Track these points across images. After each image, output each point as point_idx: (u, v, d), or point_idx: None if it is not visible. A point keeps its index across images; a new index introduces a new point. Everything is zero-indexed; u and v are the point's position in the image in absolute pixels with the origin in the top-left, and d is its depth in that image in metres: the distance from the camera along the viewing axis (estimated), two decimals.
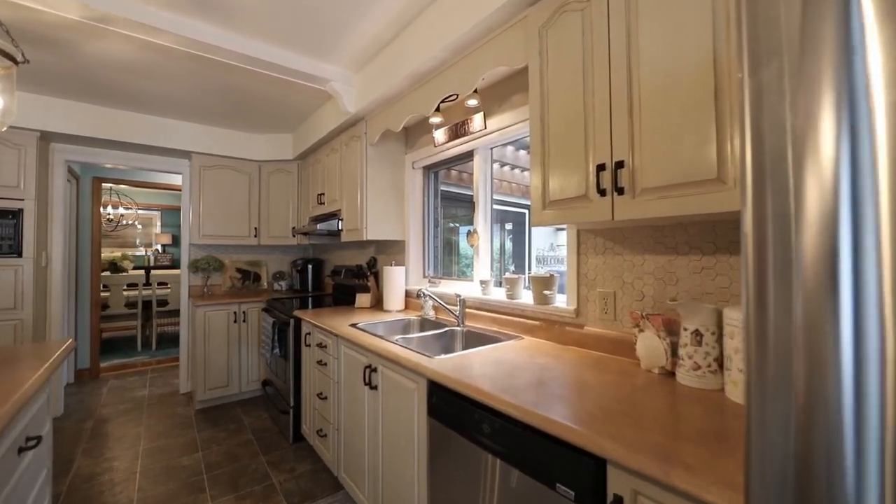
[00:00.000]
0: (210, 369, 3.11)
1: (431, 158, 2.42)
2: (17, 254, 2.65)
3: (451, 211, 2.68)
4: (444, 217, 2.64)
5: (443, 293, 2.22)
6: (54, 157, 3.00)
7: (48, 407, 1.37)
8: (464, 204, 2.83)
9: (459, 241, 4.83)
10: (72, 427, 2.80)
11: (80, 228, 3.86)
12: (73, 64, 2.23)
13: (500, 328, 1.85)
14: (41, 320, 2.88)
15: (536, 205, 1.31)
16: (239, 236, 3.51)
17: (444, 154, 2.30)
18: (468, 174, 4.49)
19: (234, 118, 3.13)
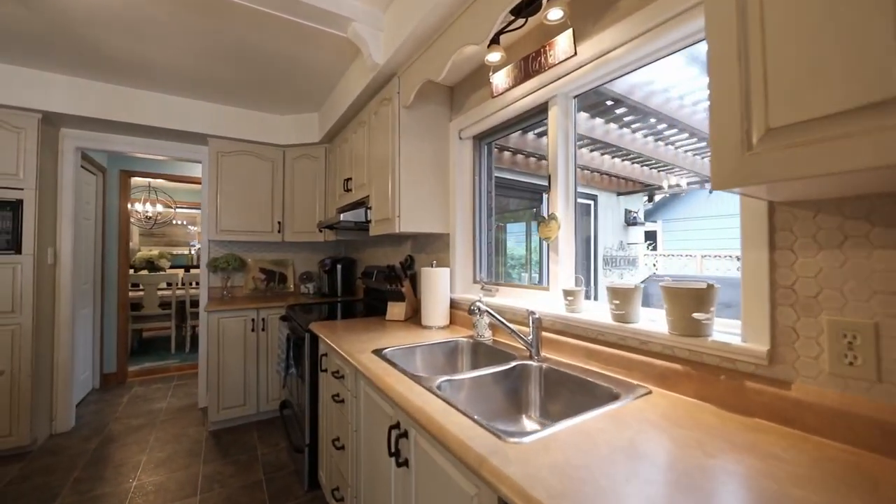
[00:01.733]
0: (225, 385, 2.68)
1: (486, 121, 1.78)
2: (14, 250, 2.35)
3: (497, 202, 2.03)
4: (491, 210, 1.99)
5: (502, 306, 1.58)
6: (64, 144, 2.72)
7: None
8: (513, 193, 2.19)
9: (506, 238, 4.13)
10: (75, 447, 2.47)
11: (106, 225, 3.64)
12: (48, 18, 1.84)
13: (601, 366, 1.18)
14: (47, 324, 2.59)
15: (726, 147, 0.63)
16: (260, 231, 3.08)
17: (505, 113, 1.66)
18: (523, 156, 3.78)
19: (251, 92, 2.68)
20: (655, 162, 3.32)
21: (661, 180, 3.91)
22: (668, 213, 6.04)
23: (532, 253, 4.17)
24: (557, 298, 1.43)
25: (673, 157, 3.02)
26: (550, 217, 1.45)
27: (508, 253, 4.81)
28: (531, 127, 1.88)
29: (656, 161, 3.21)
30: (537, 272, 4.05)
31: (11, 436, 2.34)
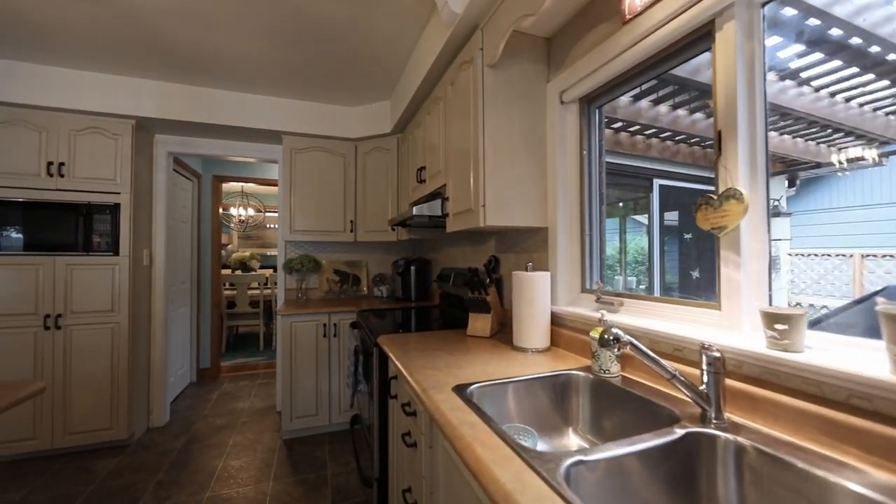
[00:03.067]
0: (298, 392, 2.55)
1: (603, 71, 1.29)
2: (112, 252, 2.45)
3: None
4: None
5: (645, 331, 1.09)
6: (158, 149, 2.83)
7: None
8: (608, 180, 1.66)
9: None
10: (164, 444, 2.52)
11: (201, 227, 3.84)
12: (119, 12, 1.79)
13: (861, 455, 0.64)
14: (143, 323, 2.69)
15: None
16: (333, 231, 2.93)
17: (632, 54, 1.16)
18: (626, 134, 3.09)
19: (320, 83, 2.51)
20: (820, 129, 2.45)
21: (818, 155, 2.96)
22: (810, 201, 4.78)
23: (624, 254, 3.47)
24: (738, 322, 0.91)
25: (857, 118, 2.16)
26: (726, 195, 0.92)
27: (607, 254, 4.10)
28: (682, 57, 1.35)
29: (823, 126, 2.36)
30: (632, 276, 3.34)
31: (111, 429, 2.44)
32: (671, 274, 3.53)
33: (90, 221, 2.39)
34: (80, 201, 2.38)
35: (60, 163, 2.34)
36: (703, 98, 2.22)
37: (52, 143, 2.34)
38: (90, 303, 2.40)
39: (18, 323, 2.26)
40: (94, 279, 2.41)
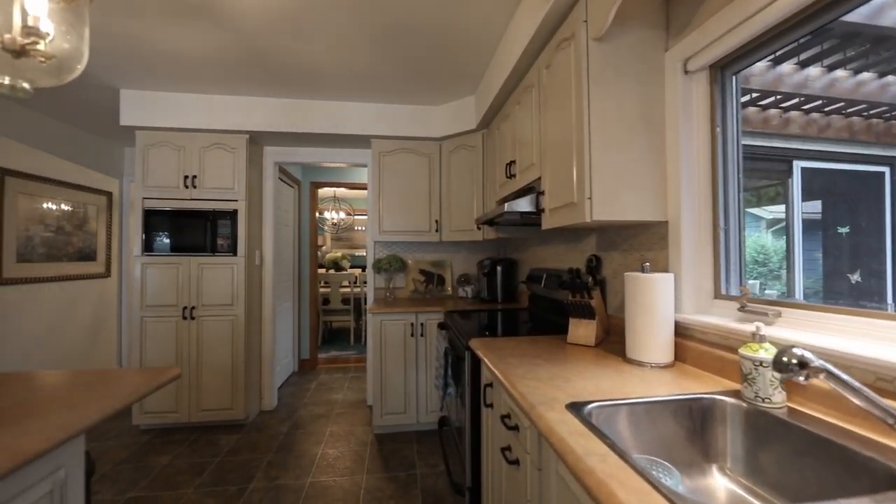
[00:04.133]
0: (388, 389, 2.61)
1: (744, 28, 1.05)
2: (233, 253, 2.77)
3: None
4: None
5: (809, 348, 0.84)
6: (266, 160, 3.13)
7: None
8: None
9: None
10: (273, 427, 2.77)
11: (301, 230, 4.19)
12: (236, 35, 1.99)
13: None
14: (255, 317, 3.00)
15: None
16: (419, 231, 2.95)
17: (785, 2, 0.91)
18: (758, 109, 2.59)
19: (406, 84, 2.54)
20: None
21: None
22: None
23: (742, 254, 2.88)
24: None
25: None
26: None
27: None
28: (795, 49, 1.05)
29: None
30: (753, 279, 2.78)
31: (232, 409, 2.75)
32: (810, 277, 2.89)
33: (215, 226, 2.73)
34: (208, 209, 2.73)
35: (194, 176, 2.71)
36: (880, 50, 1.73)
37: (187, 160, 2.72)
38: (215, 297, 2.74)
39: (165, 313, 2.67)
40: (218, 277, 2.74)
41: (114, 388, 0.97)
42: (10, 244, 2.65)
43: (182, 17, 1.82)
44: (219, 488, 2.04)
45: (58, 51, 0.97)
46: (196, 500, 1.95)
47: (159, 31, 1.93)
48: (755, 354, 0.88)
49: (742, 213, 1.25)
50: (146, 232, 2.68)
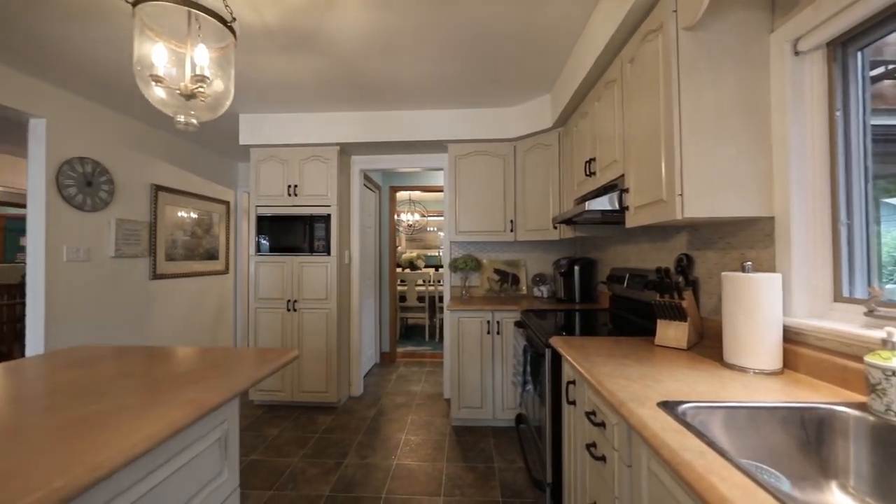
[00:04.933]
0: (465, 384, 2.72)
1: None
2: (327, 253, 3.09)
3: None
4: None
5: None
6: (353, 168, 3.44)
7: (226, 460, 1.05)
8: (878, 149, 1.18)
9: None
10: (361, 412, 3.04)
11: (381, 232, 4.50)
12: (335, 60, 2.23)
13: None
14: (345, 311, 3.31)
15: None
16: (493, 231, 3.01)
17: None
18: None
19: (482, 89, 2.62)
20: None
21: None
22: None
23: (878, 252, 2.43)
24: None
25: None
26: None
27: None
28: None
29: None
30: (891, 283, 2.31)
31: (327, 392, 3.08)
32: None
33: (312, 229, 3.08)
34: (306, 213, 3.09)
35: (295, 185, 3.08)
36: None
37: (290, 171, 3.10)
38: (312, 292, 3.08)
39: (273, 305, 3.08)
40: (315, 274, 3.08)
41: (252, 363, 1.19)
42: (161, 246, 3.26)
43: (291, 50, 2.10)
44: (319, 460, 2.31)
45: (214, 91, 1.21)
46: (302, 467, 2.23)
47: (273, 63, 2.25)
48: (887, 363, 0.79)
49: (871, 205, 1.11)
50: (258, 235, 3.11)
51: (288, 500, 1.94)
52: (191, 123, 1.19)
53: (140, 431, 0.72)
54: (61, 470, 0.59)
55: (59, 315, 2.46)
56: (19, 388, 0.96)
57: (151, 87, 1.14)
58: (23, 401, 0.88)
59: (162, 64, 1.14)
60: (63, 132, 2.53)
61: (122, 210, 2.92)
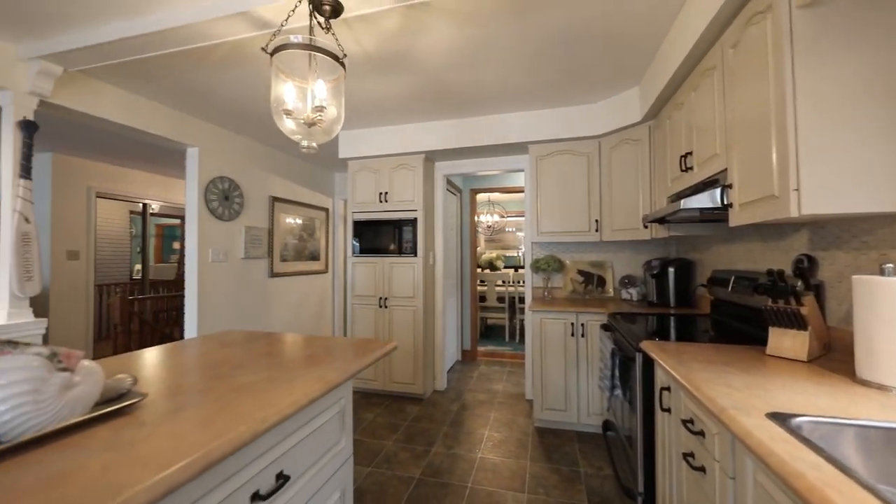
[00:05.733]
0: (547, 386, 2.71)
1: None
2: (414, 254, 3.32)
3: None
4: None
5: None
6: (436, 174, 3.62)
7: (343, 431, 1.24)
8: None
9: None
10: (445, 405, 3.20)
11: (462, 233, 4.66)
12: (422, 75, 2.40)
13: None
14: (430, 309, 3.51)
15: None
16: (578, 231, 2.95)
17: None
18: None
19: (563, 88, 2.59)
20: None
21: None
22: None
23: None
24: None
25: None
26: None
27: None
28: None
29: None
30: None
31: (414, 384, 3.30)
32: None
33: (401, 232, 3.33)
34: (395, 218, 3.35)
35: (385, 192, 3.37)
36: None
37: (381, 179, 3.39)
38: (401, 291, 3.33)
39: (367, 302, 3.40)
40: (403, 274, 3.33)
41: (359, 351, 1.37)
42: (276, 249, 3.81)
43: (384, 71, 2.32)
44: (409, 446, 2.51)
45: (329, 117, 1.43)
46: (395, 450, 2.45)
47: (369, 84, 2.50)
48: None
49: None
50: (354, 238, 3.46)
51: (384, 477, 2.15)
52: (311, 147, 1.43)
53: (286, 398, 0.91)
54: (239, 420, 0.78)
55: (206, 305, 3.03)
56: (194, 360, 1.26)
57: (283, 120, 1.39)
58: (201, 369, 1.15)
59: (291, 99, 1.38)
60: (209, 157, 3.11)
61: (249, 219, 3.49)
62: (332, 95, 1.44)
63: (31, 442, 0.68)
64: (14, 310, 2.01)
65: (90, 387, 0.79)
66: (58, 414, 0.72)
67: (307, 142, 1.41)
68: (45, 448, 0.68)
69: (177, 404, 0.86)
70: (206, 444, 0.68)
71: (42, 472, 0.60)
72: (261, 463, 0.87)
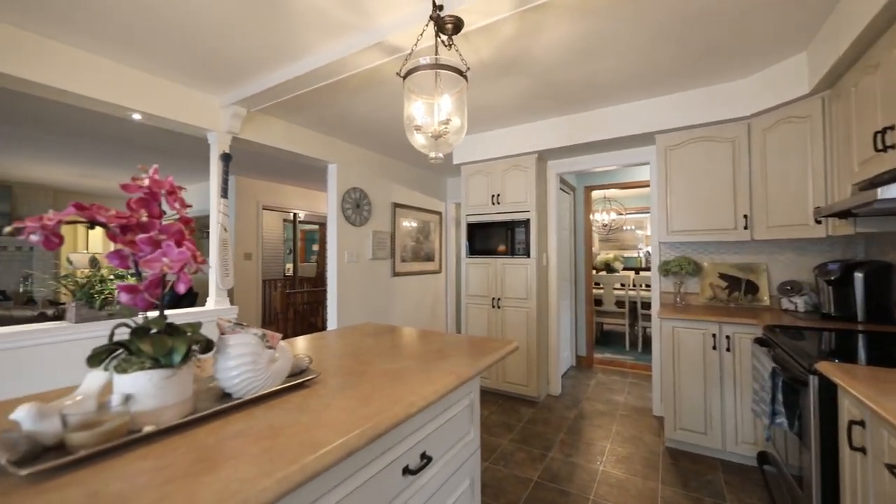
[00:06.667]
0: (681, 403, 2.42)
1: None
2: (527, 255, 3.30)
3: None
4: None
5: None
6: (549, 173, 3.54)
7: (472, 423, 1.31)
8: None
9: None
10: (560, 411, 3.10)
11: (576, 233, 4.44)
12: (534, 76, 2.38)
13: None
14: (543, 311, 3.44)
15: None
16: (719, 229, 2.56)
17: None
18: None
19: (699, 64, 2.27)
20: None
21: None
22: None
23: None
24: None
25: None
26: None
27: None
28: None
29: None
30: None
31: (527, 386, 3.27)
32: None
33: (513, 233, 3.34)
34: (507, 220, 3.38)
35: (497, 194, 3.42)
36: None
37: (493, 182, 3.45)
38: (513, 292, 3.34)
39: (480, 302, 3.51)
40: (515, 275, 3.33)
41: (483, 349, 1.43)
42: (397, 251, 4.18)
43: (498, 76, 2.37)
44: (525, 447, 2.50)
45: (453, 127, 1.53)
46: (510, 450, 2.47)
47: (481, 90, 2.58)
48: None
49: None
50: (468, 240, 3.60)
51: (501, 474, 2.20)
52: (438, 157, 1.55)
53: (427, 387, 1.01)
54: (392, 402, 0.90)
55: (344, 300, 3.50)
56: (345, 347, 1.47)
57: (414, 135, 1.53)
58: (351, 355, 1.34)
59: (420, 116, 1.52)
60: (345, 170, 3.58)
61: (375, 224, 3.91)
62: (455, 108, 1.54)
63: (250, 401, 0.90)
64: (218, 298, 2.62)
65: (285, 362, 1.00)
66: (266, 382, 0.94)
67: (434, 153, 1.53)
68: (258, 407, 0.88)
69: (341, 383, 1.03)
70: (371, 418, 0.81)
71: (257, 424, 0.79)
72: (409, 442, 0.98)
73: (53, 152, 4.11)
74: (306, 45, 2.02)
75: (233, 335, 0.91)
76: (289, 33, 1.92)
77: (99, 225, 0.75)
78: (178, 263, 0.76)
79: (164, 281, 0.79)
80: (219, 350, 0.90)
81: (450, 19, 1.64)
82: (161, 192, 0.83)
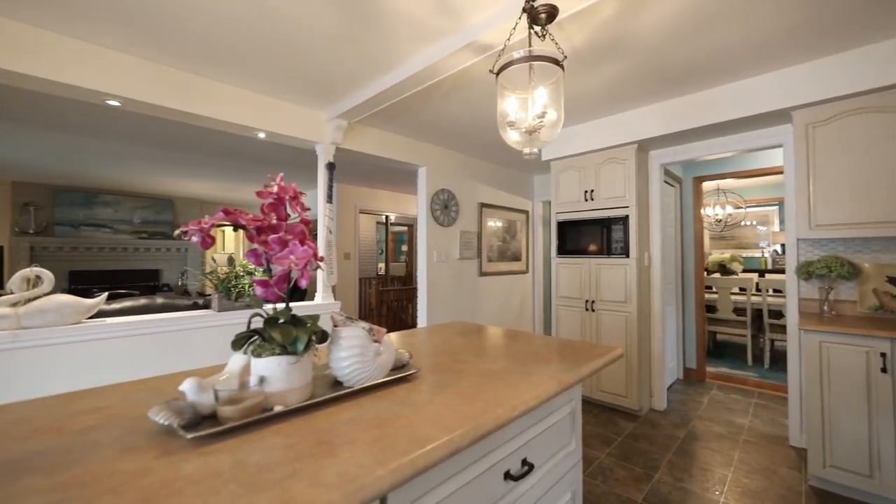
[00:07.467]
0: (834, 435, 1.98)
1: None
2: (625, 255, 3.03)
3: None
4: None
5: None
6: (651, 164, 3.20)
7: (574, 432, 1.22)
8: None
9: None
10: (667, 428, 2.78)
11: (683, 230, 3.95)
12: (637, 58, 2.16)
13: None
14: (645, 316, 3.13)
15: None
16: (887, 222, 2.04)
17: None
18: None
19: (850, 18, 1.83)
20: None
21: None
22: None
23: None
24: None
25: None
26: None
27: None
28: None
29: None
30: None
31: (626, 397, 3.00)
32: None
33: (609, 231, 3.09)
34: (603, 216, 3.14)
35: (591, 190, 3.20)
36: None
37: (586, 177, 3.24)
38: (610, 294, 3.09)
39: (573, 304, 3.32)
40: (612, 276, 3.08)
41: (585, 354, 1.33)
42: (484, 250, 4.17)
43: (592, 62, 2.21)
44: (626, 464, 2.29)
45: (549, 120, 1.46)
46: (609, 465, 2.28)
47: (571, 80, 2.43)
48: None
49: None
50: (558, 238, 3.43)
51: (601, 490, 2.04)
52: (533, 153, 1.49)
53: (528, 391, 0.96)
54: (494, 404, 0.88)
55: (433, 298, 3.60)
56: (440, 344, 1.49)
57: (508, 132, 1.50)
58: (447, 353, 1.35)
59: (513, 111, 1.48)
60: (433, 173, 3.69)
61: (462, 224, 3.95)
62: (551, 99, 1.46)
63: (359, 391, 0.95)
64: (324, 294, 2.89)
65: (389, 356, 1.04)
66: (372, 373, 0.99)
67: (528, 149, 1.48)
68: (366, 397, 0.93)
69: (440, 380, 1.04)
70: (474, 418, 0.80)
71: (366, 413, 0.83)
72: (510, 447, 0.95)
73: (200, 170, 4.98)
74: (401, 54, 2.12)
75: (345, 328, 0.98)
76: (385, 46, 2.03)
77: (240, 227, 0.86)
78: (303, 260, 0.84)
79: (290, 276, 0.88)
80: (332, 341, 0.97)
81: (543, 8, 1.57)
82: (286, 198, 0.92)
